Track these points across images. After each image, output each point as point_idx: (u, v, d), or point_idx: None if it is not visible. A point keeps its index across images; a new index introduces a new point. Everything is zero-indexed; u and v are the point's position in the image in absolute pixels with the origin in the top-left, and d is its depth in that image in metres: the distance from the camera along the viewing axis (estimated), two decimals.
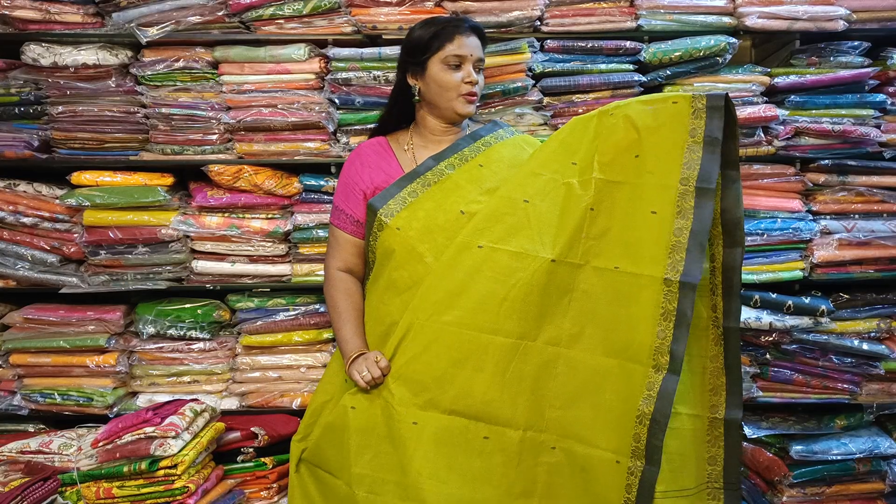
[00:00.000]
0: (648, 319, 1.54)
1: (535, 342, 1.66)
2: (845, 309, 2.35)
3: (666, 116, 1.62)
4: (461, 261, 1.69)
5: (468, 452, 1.63)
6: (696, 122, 1.58)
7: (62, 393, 2.40)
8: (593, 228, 1.66)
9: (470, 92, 1.88)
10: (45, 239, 2.40)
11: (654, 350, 1.53)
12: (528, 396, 1.65)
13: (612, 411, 1.58)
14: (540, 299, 1.66)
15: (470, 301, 1.66)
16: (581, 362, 1.64)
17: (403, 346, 1.70)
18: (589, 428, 1.61)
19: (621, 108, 1.70)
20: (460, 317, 1.65)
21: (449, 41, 1.86)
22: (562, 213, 1.69)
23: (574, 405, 1.64)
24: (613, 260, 1.63)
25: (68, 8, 2.30)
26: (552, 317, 1.67)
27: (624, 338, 1.59)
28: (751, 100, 2.32)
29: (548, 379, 1.66)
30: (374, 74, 2.32)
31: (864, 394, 2.39)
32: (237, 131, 2.37)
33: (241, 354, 2.45)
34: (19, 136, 2.36)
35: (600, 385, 1.61)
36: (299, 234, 2.38)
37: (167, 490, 1.99)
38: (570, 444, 1.64)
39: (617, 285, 1.61)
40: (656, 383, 1.51)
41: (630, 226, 1.62)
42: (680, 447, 1.67)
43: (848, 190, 2.34)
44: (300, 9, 2.28)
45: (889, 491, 2.36)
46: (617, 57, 2.33)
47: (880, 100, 2.31)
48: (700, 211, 1.54)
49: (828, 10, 2.29)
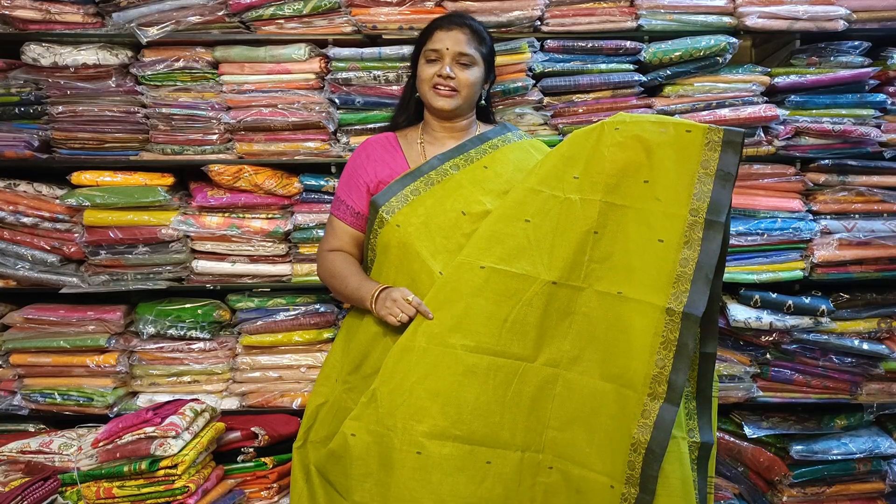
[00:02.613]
0: (647, 347, 1.53)
1: (534, 363, 1.65)
2: (845, 309, 2.35)
3: (678, 144, 1.59)
4: (463, 281, 1.66)
5: (472, 479, 1.60)
6: (710, 154, 1.56)
7: (62, 393, 2.40)
8: (596, 252, 1.64)
9: (440, 84, 1.86)
10: (45, 239, 2.40)
11: (652, 378, 1.52)
12: (527, 417, 1.64)
13: (607, 435, 1.58)
14: (540, 321, 1.64)
15: (473, 324, 1.63)
16: (579, 384, 1.63)
17: (403, 368, 1.64)
18: (585, 450, 1.61)
19: (629, 125, 1.65)
20: (463, 340, 1.62)
21: (429, 37, 1.88)
22: (563, 233, 1.66)
23: (571, 427, 1.63)
24: (616, 285, 1.61)
25: (68, 8, 2.30)
26: (552, 338, 1.65)
27: (621, 363, 1.57)
28: (751, 100, 2.32)
29: (546, 400, 1.65)
30: (375, 74, 2.32)
31: (865, 394, 2.39)
32: (237, 131, 2.37)
33: (241, 354, 2.45)
34: (19, 136, 2.36)
35: (596, 408, 1.60)
36: (299, 233, 2.38)
37: (167, 490, 1.99)
38: (566, 465, 1.63)
39: (618, 310, 1.60)
40: (653, 412, 1.50)
41: (634, 252, 1.60)
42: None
43: (848, 190, 2.34)
44: (300, 9, 2.28)
45: (889, 491, 2.37)
46: (617, 57, 2.33)
47: (880, 100, 2.31)
48: (708, 244, 1.53)
49: (828, 9, 2.29)
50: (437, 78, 1.86)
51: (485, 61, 1.93)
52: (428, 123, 1.98)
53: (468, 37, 1.87)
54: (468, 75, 1.87)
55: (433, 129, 1.97)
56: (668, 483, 1.55)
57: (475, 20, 1.95)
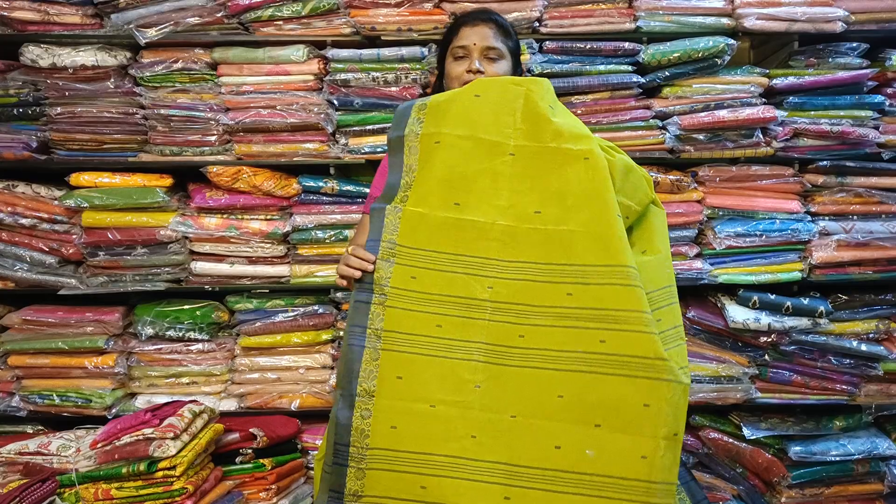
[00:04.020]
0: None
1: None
2: (844, 310, 2.35)
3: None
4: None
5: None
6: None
7: (61, 394, 2.40)
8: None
9: (471, 81, 1.83)
10: (43, 240, 2.40)
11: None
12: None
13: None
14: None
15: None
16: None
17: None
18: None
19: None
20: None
21: (455, 34, 1.84)
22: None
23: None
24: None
25: (67, 9, 2.30)
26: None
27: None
28: (749, 101, 2.32)
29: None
30: (373, 76, 2.32)
31: (863, 395, 2.40)
32: (236, 132, 2.37)
33: (239, 355, 2.45)
34: (18, 137, 2.36)
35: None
36: (298, 235, 2.38)
37: (166, 491, 1.98)
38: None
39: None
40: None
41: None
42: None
43: (846, 191, 2.34)
44: (299, 10, 2.28)
45: (887, 492, 2.36)
46: (615, 58, 2.34)
47: (879, 101, 2.31)
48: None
49: (826, 11, 2.29)
50: (466, 74, 1.81)
51: (512, 55, 1.86)
52: None
53: (494, 31, 1.83)
54: (497, 69, 1.82)
55: None
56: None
57: (500, 15, 1.90)
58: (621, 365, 1.36)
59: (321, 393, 2.44)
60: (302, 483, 2.39)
